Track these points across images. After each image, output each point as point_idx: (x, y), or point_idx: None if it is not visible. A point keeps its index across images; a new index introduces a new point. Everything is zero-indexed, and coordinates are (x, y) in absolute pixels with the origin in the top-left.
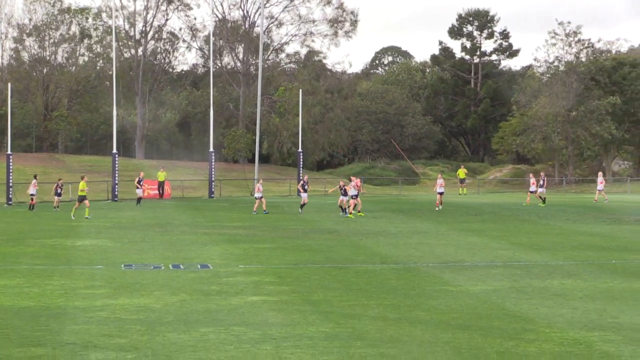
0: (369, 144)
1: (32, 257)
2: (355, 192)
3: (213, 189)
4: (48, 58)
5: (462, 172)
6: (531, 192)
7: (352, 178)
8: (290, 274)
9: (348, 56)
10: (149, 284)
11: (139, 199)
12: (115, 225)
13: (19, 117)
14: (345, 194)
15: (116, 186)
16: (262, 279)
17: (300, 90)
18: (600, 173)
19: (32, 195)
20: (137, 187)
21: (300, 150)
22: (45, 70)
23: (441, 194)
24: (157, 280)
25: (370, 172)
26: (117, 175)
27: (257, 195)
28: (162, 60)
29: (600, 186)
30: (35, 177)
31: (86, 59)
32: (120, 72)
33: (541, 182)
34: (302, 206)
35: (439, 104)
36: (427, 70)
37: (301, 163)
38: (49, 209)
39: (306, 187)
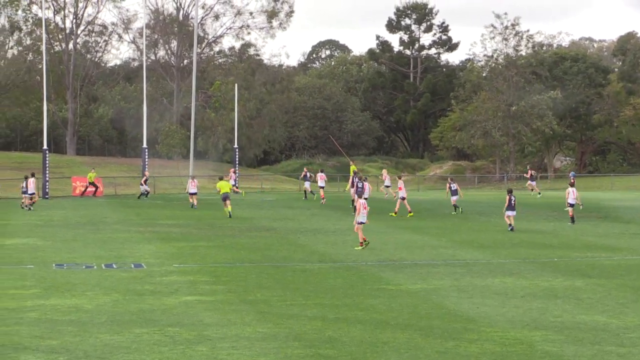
0: (307, 140)
1: None
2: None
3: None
4: None
5: (353, 168)
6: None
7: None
8: (226, 273)
9: (284, 48)
10: (80, 283)
11: (147, 193)
12: (47, 223)
13: None
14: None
15: (47, 184)
16: (197, 279)
17: (236, 85)
18: (384, 170)
19: (32, 194)
20: (142, 185)
21: (236, 146)
22: None
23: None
24: (89, 280)
25: (308, 169)
26: (47, 172)
27: (192, 190)
28: (94, 54)
29: (386, 182)
30: (32, 175)
31: (15, 52)
32: (51, 65)
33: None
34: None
35: (377, 99)
36: (364, 64)
37: (237, 159)
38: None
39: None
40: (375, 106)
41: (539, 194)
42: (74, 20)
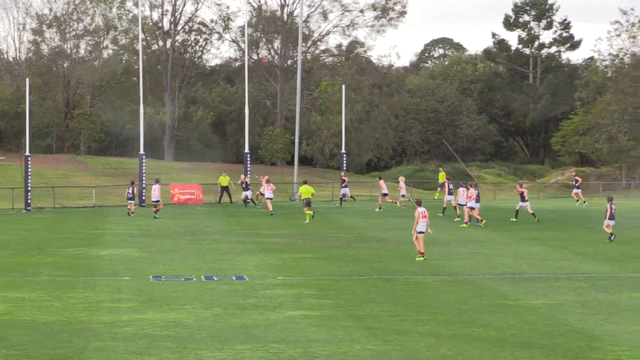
0: (419, 145)
1: (53, 268)
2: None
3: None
4: (69, 51)
5: (441, 176)
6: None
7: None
8: (333, 287)
9: (395, 48)
10: (179, 297)
11: (248, 200)
12: (143, 233)
13: (38, 116)
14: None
15: (143, 190)
16: (302, 292)
17: (344, 86)
18: (401, 178)
19: (156, 201)
20: (245, 189)
21: (343, 151)
22: (66, 65)
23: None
24: (189, 293)
25: (420, 176)
26: (144, 178)
27: (268, 195)
28: (193, 54)
29: (402, 191)
30: (157, 181)
31: (110, 52)
32: (148, 66)
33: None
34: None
35: (494, 101)
36: (479, 64)
37: (345, 165)
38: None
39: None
40: (492, 109)
41: (585, 202)
42: (172, 18)
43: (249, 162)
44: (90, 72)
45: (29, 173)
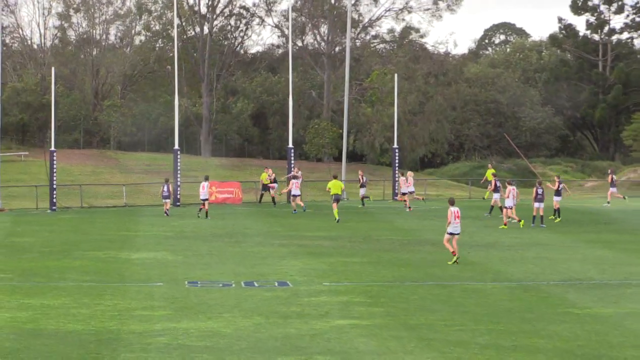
0: (478, 139)
1: (80, 273)
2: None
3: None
4: (98, 38)
5: (489, 173)
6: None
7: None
8: (384, 293)
9: (452, 35)
10: (217, 304)
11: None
12: (178, 234)
13: (65, 108)
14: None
15: (178, 189)
16: (351, 299)
17: (396, 75)
18: (409, 173)
19: (205, 200)
20: (272, 184)
21: (395, 146)
22: (95, 52)
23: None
24: (227, 300)
25: (479, 173)
26: (179, 175)
27: (295, 192)
28: (232, 40)
29: (410, 187)
30: (206, 178)
31: (143, 38)
32: (183, 54)
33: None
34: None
35: (560, 91)
36: (544, 51)
37: (397, 161)
38: (101, 213)
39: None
40: (558, 100)
41: (624, 198)
42: (210, 2)
43: (292, 158)
44: (121, 60)
45: (55, 170)
